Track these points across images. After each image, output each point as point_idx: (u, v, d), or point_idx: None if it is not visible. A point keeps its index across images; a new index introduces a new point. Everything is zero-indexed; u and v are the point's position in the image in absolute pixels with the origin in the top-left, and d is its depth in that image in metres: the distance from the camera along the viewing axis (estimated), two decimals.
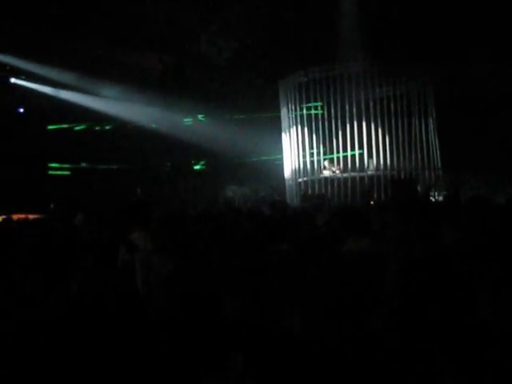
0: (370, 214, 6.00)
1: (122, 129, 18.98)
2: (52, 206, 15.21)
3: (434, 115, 15.37)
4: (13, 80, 17.75)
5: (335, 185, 14.93)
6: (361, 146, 15.01)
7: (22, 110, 18.44)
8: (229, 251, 4.12)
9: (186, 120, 19.08)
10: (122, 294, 3.87)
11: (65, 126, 18.56)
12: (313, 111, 15.48)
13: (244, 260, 3.84)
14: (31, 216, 11.86)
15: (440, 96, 15.45)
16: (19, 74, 17.69)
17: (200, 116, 19.16)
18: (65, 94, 18.18)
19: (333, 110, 15.20)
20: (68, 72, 17.57)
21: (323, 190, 14.92)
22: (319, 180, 15.24)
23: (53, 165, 18.18)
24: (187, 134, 18.09)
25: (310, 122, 15.55)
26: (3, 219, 10.76)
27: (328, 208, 9.38)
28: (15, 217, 11.59)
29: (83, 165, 18.34)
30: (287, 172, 16.37)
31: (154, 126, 18.42)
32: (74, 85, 17.89)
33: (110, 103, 18.40)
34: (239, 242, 4.38)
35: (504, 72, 15.15)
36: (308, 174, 15.52)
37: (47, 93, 18.13)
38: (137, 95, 18.05)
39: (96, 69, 17.56)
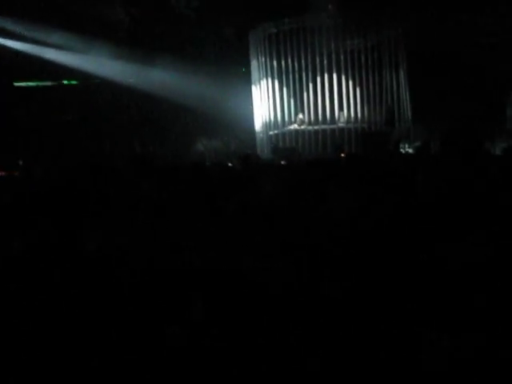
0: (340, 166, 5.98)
1: (89, 83, 18.60)
2: (20, 162, 15.00)
3: (405, 67, 15.32)
4: None
5: (306, 137, 14.88)
6: (331, 99, 14.94)
7: None
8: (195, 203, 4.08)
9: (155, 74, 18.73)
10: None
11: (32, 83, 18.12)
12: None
13: (210, 210, 3.81)
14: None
15: (411, 47, 15.36)
16: None
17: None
18: (29, 48, 17.67)
19: (303, 62, 15.07)
20: (33, 25, 17.05)
21: (294, 143, 14.88)
22: (290, 133, 15.18)
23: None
24: (155, 88, 17.80)
25: (280, 75, 15.41)
26: None
27: (298, 161, 9.37)
28: None
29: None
30: (258, 125, 16.26)
31: (121, 80, 18.04)
32: (38, 39, 17.38)
33: (76, 57, 17.96)
34: (208, 194, 4.35)
35: (475, 21, 15.10)
36: (279, 126, 15.44)
37: (10, 46, 17.60)
38: (104, 49, 17.65)
39: (61, 21, 17.08)
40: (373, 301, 2.66)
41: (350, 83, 14.91)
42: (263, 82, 15.82)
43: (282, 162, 10.40)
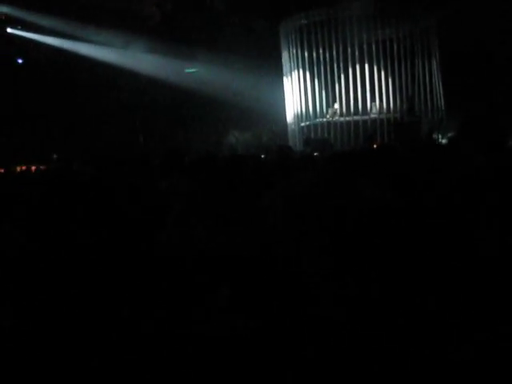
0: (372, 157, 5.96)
1: (122, 78, 18.75)
2: (55, 156, 15.22)
3: (437, 57, 15.19)
4: (9, 30, 17.44)
5: (338, 129, 14.86)
6: (363, 89, 14.87)
7: (20, 61, 18.21)
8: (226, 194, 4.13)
9: (186, 69, 18.81)
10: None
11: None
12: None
13: (242, 201, 3.85)
14: (33, 167, 11.87)
15: (444, 37, 15.21)
16: (15, 23, 17.39)
17: (188, 69, 18.84)
18: (64, 44, 17.89)
19: (335, 53, 15.02)
20: (65, 20, 17.25)
21: (326, 134, 14.87)
22: (322, 124, 15.16)
23: None
24: (188, 82, 17.90)
25: (311, 66, 15.39)
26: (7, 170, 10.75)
27: (331, 152, 9.35)
28: (18, 168, 11.60)
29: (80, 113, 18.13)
30: (289, 117, 16.28)
31: (153, 73, 18.16)
32: (71, 33, 17.58)
33: (108, 51, 18.14)
34: (240, 186, 4.39)
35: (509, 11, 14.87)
36: (310, 118, 15.42)
37: (46, 42, 17.84)
38: (136, 43, 17.80)
39: (93, 16, 17.27)
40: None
41: (382, 73, 14.83)
42: (294, 74, 15.82)
43: (315, 154, 10.41)
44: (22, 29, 17.51)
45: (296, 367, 2.48)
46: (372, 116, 14.77)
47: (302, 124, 15.59)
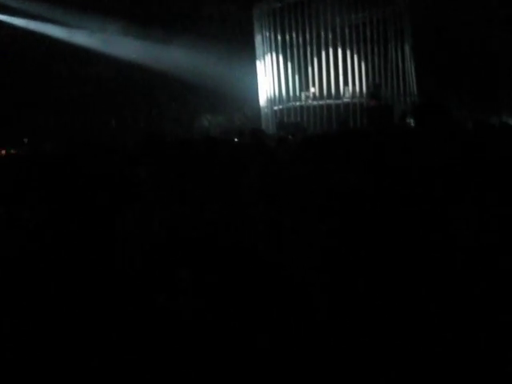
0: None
1: (95, 61, 18.53)
2: (25, 140, 15.03)
3: (410, 41, 15.22)
4: None
5: (311, 112, 14.85)
6: (336, 73, 14.87)
7: None
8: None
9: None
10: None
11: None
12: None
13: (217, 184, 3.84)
14: (3, 151, 11.73)
15: (416, 21, 15.26)
16: None
17: None
18: (36, 26, 17.59)
19: (308, 37, 14.98)
20: (39, 2, 16.96)
21: (299, 118, 14.85)
22: (295, 108, 15.14)
23: None
24: (161, 65, 17.75)
25: (284, 49, 15.33)
26: None
27: (303, 136, 9.35)
28: None
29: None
30: (262, 100, 16.21)
31: (126, 56, 17.96)
32: (44, 15, 17.29)
33: (81, 34, 17.90)
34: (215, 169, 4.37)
35: None
36: (284, 101, 15.39)
37: (18, 25, 17.53)
38: (109, 25, 17.60)
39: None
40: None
41: (355, 58, 14.82)
42: (267, 57, 15.75)
43: (289, 137, 10.39)
44: None
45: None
46: (345, 100, 14.77)
47: (275, 108, 15.54)
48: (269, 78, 15.74)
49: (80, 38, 17.70)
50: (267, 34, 15.66)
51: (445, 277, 2.57)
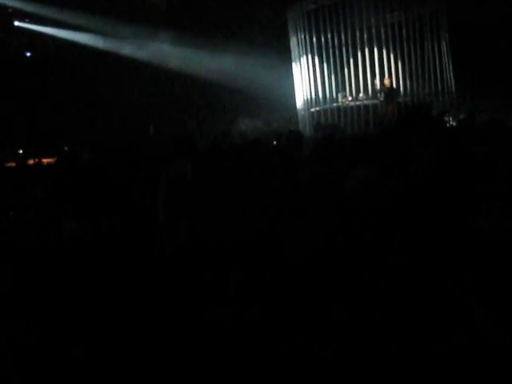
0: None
1: (131, 66, 18.76)
2: (66, 149, 15.26)
3: (447, 39, 15.06)
4: (16, 23, 17.44)
5: (348, 113, 14.80)
6: (373, 74, 14.79)
7: (28, 54, 18.22)
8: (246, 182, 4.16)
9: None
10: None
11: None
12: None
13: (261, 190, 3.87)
14: (45, 160, 11.93)
15: (453, 19, 15.08)
16: (23, 17, 17.38)
17: None
18: (71, 35, 17.88)
19: (343, 38, 14.94)
20: (73, 12, 17.24)
21: (336, 120, 14.81)
22: (332, 109, 15.10)
23: None
24: (196, 70, 17.90)
25: (320, 51, 15.31)
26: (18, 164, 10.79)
27: (342, 137, 9.33)
28: (31, 162, 11.66)
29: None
30: (299, 102, 16.23)
31: (162, 61, 18.15)
32: (78, 25, 17.57)
33: (116, 42, 18.14)
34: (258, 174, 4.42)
35: None
36: (320, 103, 15.36)
37: (54, 35, 17.81)
38: (143, 32, 17.81)
39: (99, 6, 17.27)
40: None
41: (392, 57, 14.72)
42: (303, 59, 15.75)
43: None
44: (30, 22, 17.50)
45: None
46: (382, 100, 14.65)
47: (312, 109, 15.53)
48: (305, 80, 15.74)
49: (112, 44, 17.92)
50: (302, 36, 15.66)
51: None
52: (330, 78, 15.27)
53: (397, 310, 2.63)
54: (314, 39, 15.35)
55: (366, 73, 14.81)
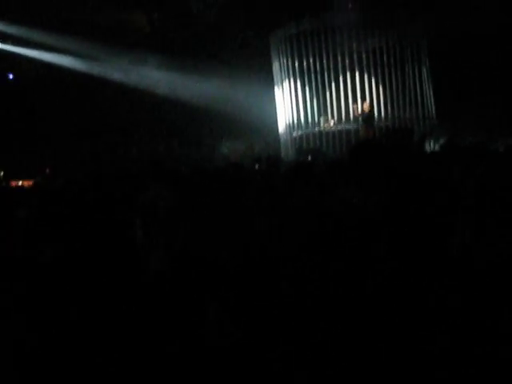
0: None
1: (114, 89, 18.75)
2: (47, 170, 15.19)
3: (427, 64, 15.22)
4: (0, 45, 17.40)
5: (330, 138, 14.85)
6: (355, 98, 14.88)
7: (11, 77, 18.17)
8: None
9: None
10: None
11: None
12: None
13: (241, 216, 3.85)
14: (26, 183, 11.86)
15: (433, 44, 15.27)
16: (6, 39, 17.35)
17: None
18: (54, 58, 17.88)
19: (325, 62, 15.04)
20: (55, 35, 17.24)
21: (318, 144, 14.85)
22: (314, 134, 15.15)
23: None
24: (179, 93, 17.94)
25: (302, 75, 15.39)
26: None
27: (323, 162, 9.35)
28: (13, 184, 11.59)
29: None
30: (281, 127, 16.26)
31: (145, 85, 18.17)
32: (60, 47, 17.56)
33: (98, 64, 18.15)
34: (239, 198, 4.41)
35: (499, 18, 14.94)
36: (302, 127, 15.41)
37: (36, 57, 17.80)
38: (125, 55, 17.85)
39: (82, 30, 17.30)
40: None
41: (373, 82, 14.83)
42: (285, 84, 15.81)
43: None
44: (13, 44, 17.46)
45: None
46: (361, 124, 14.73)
47: (294, 134, 15.56)
48: (287, 105, 15.79)
49: (96, 67, 17.94)
50: (284, 61, 15.74)
51: None
52: (311, 102, 15.34)
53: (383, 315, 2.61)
54: (296, 64, 15.43)
55: (347, 97, 14.90)
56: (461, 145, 8.32)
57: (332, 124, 15.04)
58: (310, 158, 12.06)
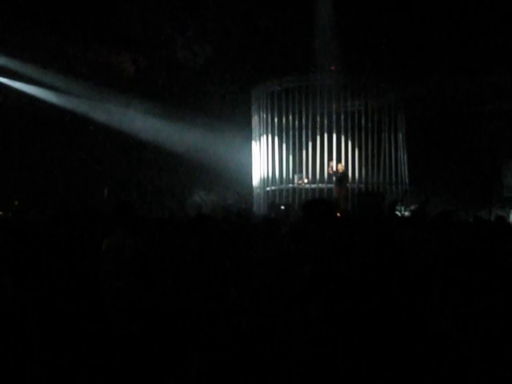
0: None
1: (96, 127, 18.73)
2: (16, 203, 15.02)
3: (403, 130, 15.49)
4: None
5: (303, 195, 14.92)
6: (330, 158, 15.03)
7: None
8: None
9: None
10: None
11: None
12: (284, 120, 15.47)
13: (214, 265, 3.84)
14: None
15: (410, 111, 15.60)
16: None
17: None
18: (35, 91, 17.88)
19: (304, 121, 15.23)
20: (40, 69, 17.28)
21: (291, 200, 14.90)
22: (287, 189, 15.22)
23: None
24: (157, 138, 17.97)
25: (280, 132, 15.54)
26: None
27: (293, 218, 9.38)
28: None
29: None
30: (255, 180, 16.31)
31: (120, 127, 18.18)
32: (45, 81, 17.58)
33: (81, 102, 18.16)
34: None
35: (473, 88, 15.35)
36: (276, 182, 15.47)
37: (19, 88, 17.78)
38: (108, 96, 17.90)
39: (68, 66, 17.38)
40: None
41: (349, 144, 15.02)
42: (263, 138, 15.94)
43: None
44: None
45: None
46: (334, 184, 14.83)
47: (268, 188, 15.62)
48: (263, 159, 15.88)
49: (77, 104, 17.96)
50: (264, 116, 15.90)
51: None
52: (287, 158, 15.46)
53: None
54: (276, 120, 15.59)
55: (323, 157, 15.05)
56: (430, 213, 8.44)
57: (306, 181, 15.14)
58: (281, 212, 12.12)
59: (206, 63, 18.58)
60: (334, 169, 14.57)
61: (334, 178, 14.49)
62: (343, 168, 14.51)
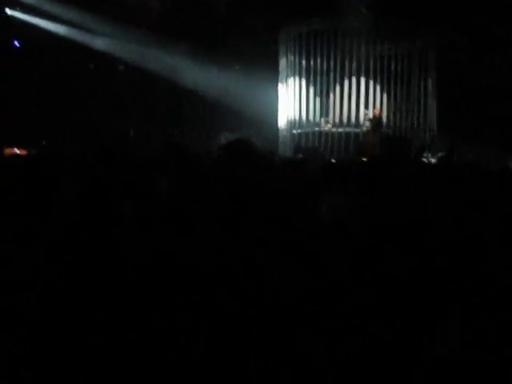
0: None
1: (118, 69, 18.67)
2: (44, 142, 15.13)
3: (434, 77, 15.23)
4: (8, 11, 17.24)
5: (329, 139, 14.86)
6: (358, 102, 14.89)
7: (17, 44, 18.00)
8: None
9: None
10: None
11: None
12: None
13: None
14: (21, 151, 11.78)
15: (442, 58, 15.27)
16: (15, 5, 17.20)
17: None
18: (62, 30, 17.75)
19: (332, 64, 15.04)
20: (66, 7, 17.12)
21: (317, 144, 14.86)
22: (313, 133, 15.15)
23: None
24: (182, 78, 17.84)
25: (308, 74, 15.39)
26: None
27: (319, 161, 9.35)
28: (7, 151, 11.50)
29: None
30: (282, 123, 16.24)
31: (148, 67, 18.05)
32: (71, 20, 17.44)
33: (106, 41, 18.03)
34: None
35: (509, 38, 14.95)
36: (303, 126, 15.41)
37: (45, 27, 17.65)
38: (134, 35, 17.73)
39: (94, 5, 17.18)
40: None
41: (378, 88, 14.85)
42: (290, 81, 15.81)
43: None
44: (22, 11, 17.32)
45: None
46: (364, 129, 14.74)
47: (294, 131, 15.57)
48: (290, 102, 15.78)
49: (104, 44, 17.85)
50: (292, 58, 15.73)
51: None
52: (314, 102, 15.35)
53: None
54: (304, 62, 15.42)
55: (350, 101, 14.92)
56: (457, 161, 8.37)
57: (331, 125, 15.06)
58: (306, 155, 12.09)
59: (232, 3, 18.27)
60: (371, 115, 14.42)
61: (368, 124, 14.33)
62: (379, 113, 14.37)
